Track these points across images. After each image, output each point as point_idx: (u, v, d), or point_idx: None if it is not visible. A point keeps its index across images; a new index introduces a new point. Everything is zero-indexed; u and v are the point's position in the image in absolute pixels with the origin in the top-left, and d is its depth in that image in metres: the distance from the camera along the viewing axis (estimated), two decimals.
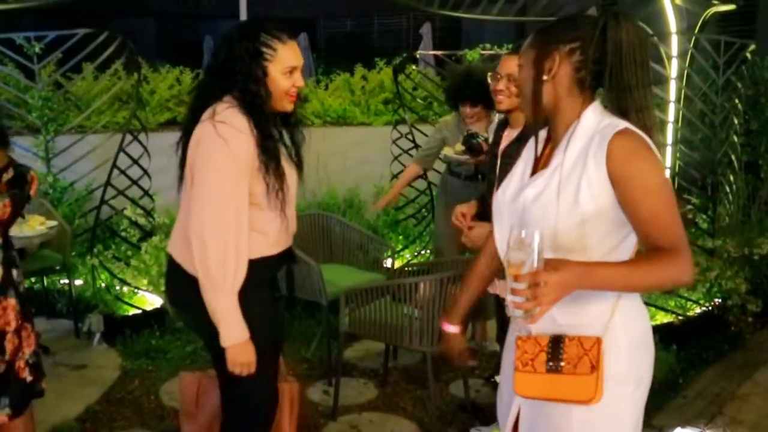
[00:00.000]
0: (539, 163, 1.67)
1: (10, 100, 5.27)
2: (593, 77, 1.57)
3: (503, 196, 1.70)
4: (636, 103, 1.53)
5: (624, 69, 1.52)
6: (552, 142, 1.66)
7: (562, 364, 1.51)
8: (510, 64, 2.91)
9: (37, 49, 4.76)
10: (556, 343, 1.54)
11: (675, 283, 1.48)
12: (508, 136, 3.02)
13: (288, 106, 2.16)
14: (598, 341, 1.51)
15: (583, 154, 1.52)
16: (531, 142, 1.72)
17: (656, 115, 1.59)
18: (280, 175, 2.13)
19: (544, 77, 1.58)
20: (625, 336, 1.56)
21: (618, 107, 1.55)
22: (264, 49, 2.08)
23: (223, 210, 2.04)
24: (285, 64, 2.10)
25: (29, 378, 2.63)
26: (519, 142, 2.97)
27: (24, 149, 4.62)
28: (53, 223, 4.17)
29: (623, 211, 1.50)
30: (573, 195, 1.51)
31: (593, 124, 1.55)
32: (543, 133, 1.71)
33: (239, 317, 2.09)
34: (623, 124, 1.51)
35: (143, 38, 14.10)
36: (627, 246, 1.57)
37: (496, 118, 4.01)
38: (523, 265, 1.35)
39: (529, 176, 1.67)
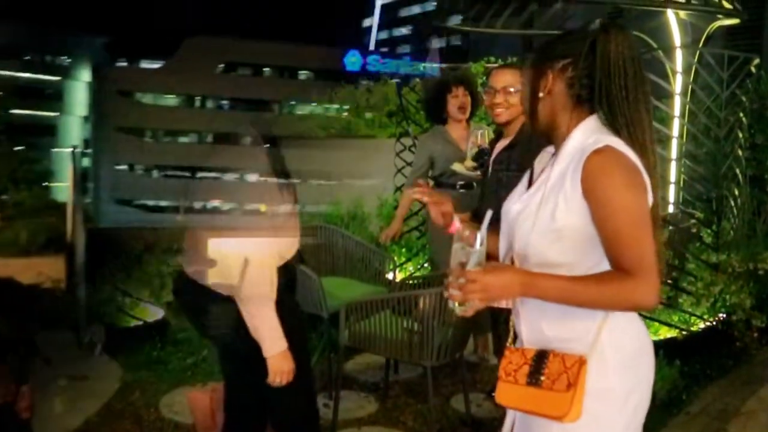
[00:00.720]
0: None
1: None
2: (587, 92, 1.55)
3: (505, 207, 1.70)
4: (626, 118, 1.51)
5: (612, 83, 1.50)
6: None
7: (542, 378, 1.52)
8: (503, 78, 2.93)
9: None
10: (541, 357, 1.55)
11: (631, 306, 1.49)
12: (501, 144, 3.13)
13: None
14: (580, 360, 1.50)
15: (565, 171, 1.52)
16: (540, 155, 1.71)
17: (653, 130, 1.55)
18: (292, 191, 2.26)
19: (540, 95, 1.59)
20: (615, 353, 1.54)
21: (610, 123, 1.53)
22: None
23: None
24: None
25: (26, 415, 2.60)
26: (509, 150, 3.05)
27: None
28: None
29: (595, 229, 1.50)
30: (551, 211, 1.51)
31: (580, 141, 1.54)
32: (551, 149, 1.69)
33: (279, 327, 2.16)
34: (607, 141, 1.49)
35: None
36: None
37: (472, 129, 4.02)
38: (464, 261, 1.47)
39: (525, 190, 1.67)
